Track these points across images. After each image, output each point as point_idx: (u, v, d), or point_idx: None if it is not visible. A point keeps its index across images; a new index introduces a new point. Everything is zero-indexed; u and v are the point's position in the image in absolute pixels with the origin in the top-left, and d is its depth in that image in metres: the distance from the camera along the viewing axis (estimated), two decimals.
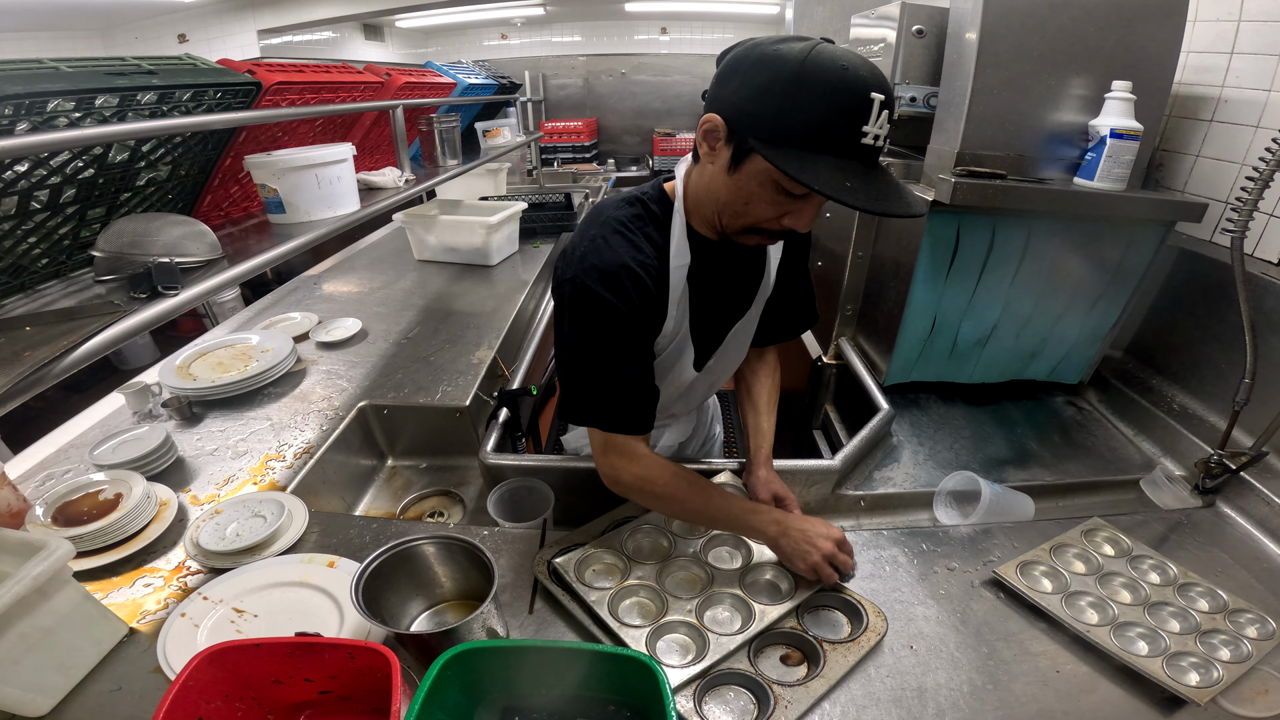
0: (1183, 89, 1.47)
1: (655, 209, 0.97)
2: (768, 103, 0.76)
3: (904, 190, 0.80)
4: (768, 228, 0.88)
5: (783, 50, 0.75)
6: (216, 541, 1.09)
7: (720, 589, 0.98)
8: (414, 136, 2.32)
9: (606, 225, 0.94)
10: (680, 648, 0.91)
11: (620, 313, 0.90)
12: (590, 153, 5.52)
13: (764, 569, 1.03)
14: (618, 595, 0.96)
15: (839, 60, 0.74)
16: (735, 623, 0.94)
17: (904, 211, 0.77)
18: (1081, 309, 1.50)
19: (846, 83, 0.73)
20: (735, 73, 0.80)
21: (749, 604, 0.95)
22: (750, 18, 5.36)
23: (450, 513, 1.50)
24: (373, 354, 1.86)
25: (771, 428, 1.22)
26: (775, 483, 1.15)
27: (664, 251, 0.96)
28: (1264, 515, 1.18)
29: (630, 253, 0.92)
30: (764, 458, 1.17)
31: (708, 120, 0.83)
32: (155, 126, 1.05)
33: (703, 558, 1.05)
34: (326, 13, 4.58)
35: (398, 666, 0.71)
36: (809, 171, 0.75)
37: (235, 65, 1.38)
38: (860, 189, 0.75)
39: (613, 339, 0.92)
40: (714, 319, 1.09)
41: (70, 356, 0.75)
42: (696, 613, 0.94)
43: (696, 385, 1.18)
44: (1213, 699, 0.81)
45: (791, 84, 0.74)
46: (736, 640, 0.89)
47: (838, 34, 1.99)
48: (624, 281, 0.89)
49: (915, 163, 1.52)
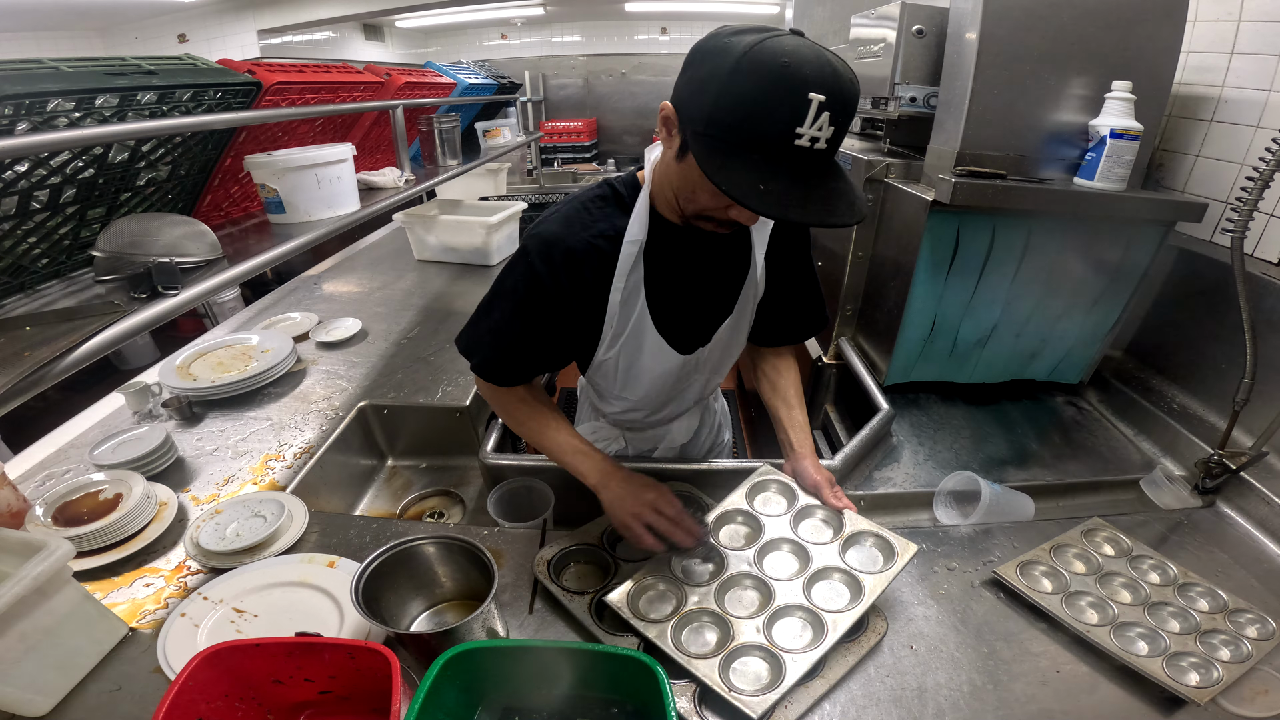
0: (1183, 89, 1.47)
1: (623, 191, 1.02)
2: (706, 94, 0.75)
3: (839, 198, 0.76)
4: (715, 216, 0.89)
5: (731, 42, 0.74)
6: (216, 541, 1.09)
7: (784, 602, 0.93)
8: (414, 136, 2.32)
9: (572, 202, 1.01)
10: (754, 674, 0.85)
11: (541, 285, 0.96)
12: (590, 153, 5.52)
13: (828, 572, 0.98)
14: (679, 624, 0.91)
15: (782, 56, 0.70)
16: (805, 634, 0.89)
17: (816, 221, 0.75)
18: (1081, 309, 1.50)
19: (783, 80, 0.70)
20: (690, 63, 0.79)
21: (816, 614, 0.90)
22: (749, 18, 5.35)
23: (450, 513, 1.50)
24: (373, 354, 1.86)
25: (806, 421, 1.19)
26: (824, 471, 1.11)
27: (620, 231, 0.99)
28: (1264, 515, 1.18)
29: (580, 230, 0.97)
30: (809, 449, 1.14)
31: (664, 108, 0.84)
32: (155, 126, 1.05)
33: (758, 573, 0.98)
34: (326, 13, 4.58)
35: (398, 666, 0.71)
36: (724, 170, 0.73)
37: (235, 65, 1.38)
38: (774, 192, 0.72)
39: (521, 305, 0.99)
40: (685, 306, 1.08)
41: (70, 356, 0.75)
42: (764, 631, 0.89)
43: (687, 382, 1.18)
44: (1213, 699, 0.81)
45: (729, 77, 0.72)
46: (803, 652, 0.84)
47: (837, 34, 1.99)
48: (556, 258, 0.95)
49: (915, 163, 1.52)
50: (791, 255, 1.13)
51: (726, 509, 1.08)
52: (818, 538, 1.03)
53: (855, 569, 0.95)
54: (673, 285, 1.04)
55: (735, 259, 1.09)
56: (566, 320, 1.02)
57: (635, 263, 0.99)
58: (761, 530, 1.04)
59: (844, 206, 0.76)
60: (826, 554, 0.99)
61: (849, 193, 0.77)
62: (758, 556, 1.00)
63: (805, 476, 1.10)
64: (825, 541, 1.01)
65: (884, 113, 1.65)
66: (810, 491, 1.09)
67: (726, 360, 1.22)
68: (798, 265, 1.15)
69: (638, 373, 1.12)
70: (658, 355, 1.09)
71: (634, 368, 1.11)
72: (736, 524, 1.08)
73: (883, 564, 0.97)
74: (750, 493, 1.11)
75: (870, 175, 1.55)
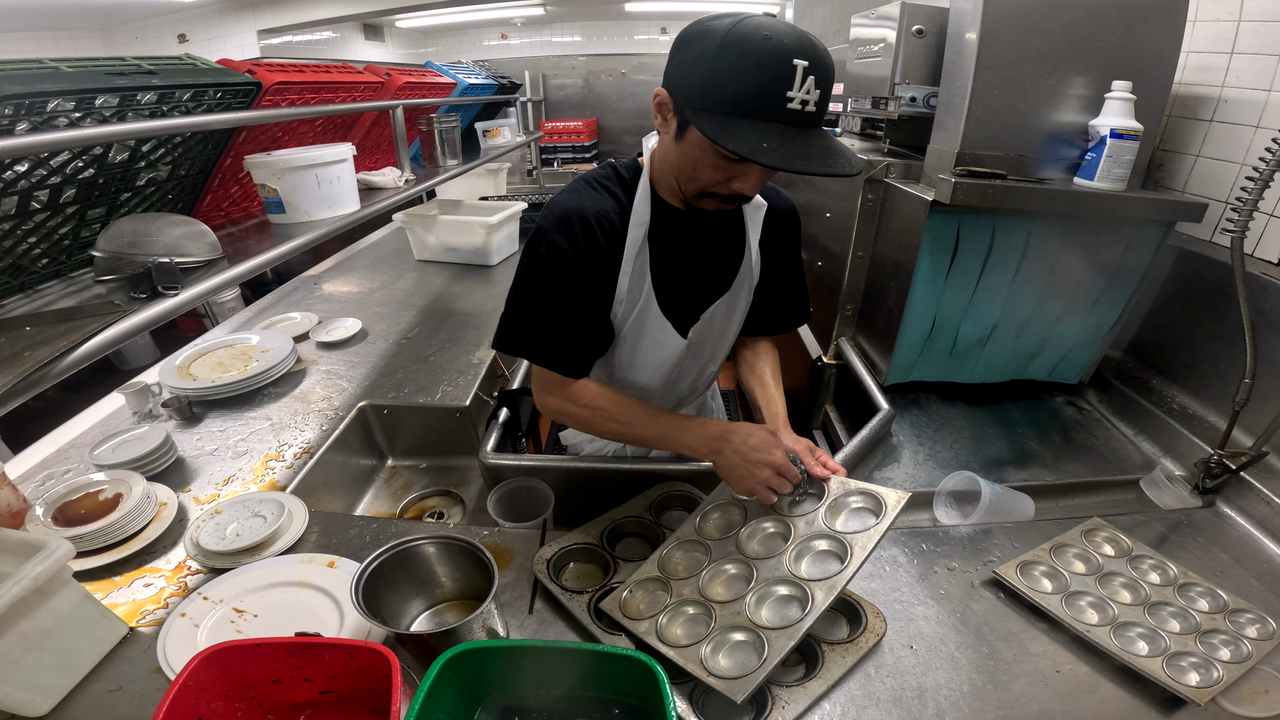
0: (1183, 89, 1.47)
1: (625, 174, 1.05)
2: (698, 73, 0.82)
3: (836, 153, 0.83)
4: (718, 191, 0.93)
5: (713, 25, 0.81)
6: (216, 541, 1.09)
7: (768, 579, 0.92)
8: (414, 136, 2.32)
9: (579, 180, 1.05)
10: (740, 659, 0.84)
11: (568, 258, 0.96)
12: (590, 153, 5.52)
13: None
14: (670, 618, 0.90)
15: (763, 30, 0.78)
16: (791, 610, 0.88)
17: (822, 170, 0.80)
18: (1081, 309, 1.50)
19: (768, 50, 0.77)
20: (677, 49, 0.86)
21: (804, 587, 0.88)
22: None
23: (450, 513, 1.51)
24: (373, 354, 1.86)
25: (781, 396, 1.20)
26: (800, 443, 1.08)
27: (627, 210, 1.01)
28: (1264, 515, 1.18)
29: (592, 202, 0.99)
30: (783, 420, 1.14)
31: (658, 94, 0.90)
32: (155, 126, 1.05)
33: (746, 554, 0.97)
34: (326, 13, 4.58)
35: (398, 666, 0.71)
36: (728, 134, 0.80)
37: (235, 65, 1.38)
38: (778, 149, 0.79)
39: (555, 282, 0.98)
40: (686, 288, 1.10)
41: (70, 356, 0.76)
42: (752, 612, 0.88)
43: (684, 366, 1.18)
44: (1213, 699, 0.81)
45: (717, 55, 0.79)
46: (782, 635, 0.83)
47: (837, 34, 1.99)
48: (574, 226, 0.96)
49: (915, 163, 1.52)
50: (780, 246, 1.17)
51: (716, 501, 1.08)
52: (803, 510, 1.00)
53: (841, 532, 0.92)
54: (675, 267, 1.07)
55: (732, 243, 1.12)
56: (596, 290, 1.02)
57: (641, 246, 1.02)
58: (747, 515, 1.04)
59: (842, 160, 0.83)
60: (810, 524, 0.96)
61: (844, 150, 0.85)
62: (746, 540, 0.99)
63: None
64: (809, 512, 0.98)
65: (884, 113, 1.65)
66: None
67: (721, 346, 1.24)
68: (786, 256, 1.19)
69: (643, 355, 1.14)
70: (660, 336, 1.11)
71: (638, 350, 1.13)
72: (724, 514, 1.07)
73: (874, 523, 0.93)
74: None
75: (870, 175, 1.55)
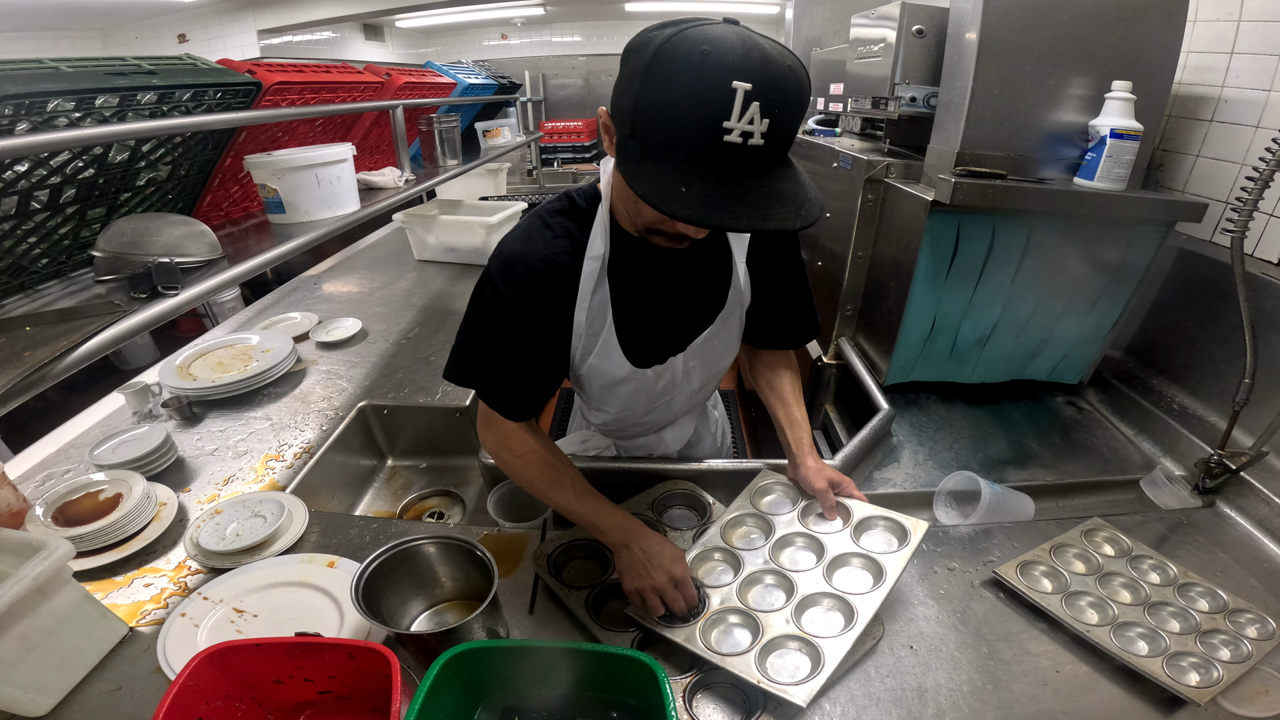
0: (1183, 89, 1.47)
1: (581, 204, 0.96)
2: (628, 95, 0.69)
3: (781, 200, 0.68)
4: (663, 229, 0.82)
5: (653, 35, 0.67)
6: (216, 541, 1.09)
7: (809, 592, 0.94)
8: (414, 136, 2.32)
9: (533, 218, 0.96)
10: (792, 665, 0.85)
11: (510, 306, 0.91)
12: (590, 153, 5.51)
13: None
14: (706, 627, 0.90)
15: (702, 44, 0.63)
16: (836, 620, 0.90)
17: (749, 225, 0.67)
18: (1081, 309, 1.50)
19: (702, 69, 0.62)
20: (621, 62, 0.73)
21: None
22: (749, 18, 5.31)
23: (450, 513, 1.51)
24: (373, 354, 1.86)
25: (805, 418, 1.15)
26: (827, 470, 1.09)
27: (581, 246, 0.93)
28: (1264, 515, 1.18)
29: (541, 245, 0.92)
30: (808, 447, 1.10)
31: (600, 113, 0.77)
32: (155, 126, 1.05)
33: (776, 568, 0.99)
34: (326, 13, 4.58)
35: (398, 666, 0.71)
36: (644, 174, 0.67)
37: (235, 65, 1.38)
38: (699, 196, 0.65)
39: (499, 327, 0.94)
40: (660, 320, 1.02)
41: (70, 356, 0.75)
42: (793, 622, 0.89)
43: (669, 395, 1.13)
44: (1213, 699, 0.81)
45: (646, 72, 0.65)
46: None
47: (837, 34, 1.99)
48: (519, 274, 0.90)
49: (915, 163, 1.52)
50: (776, 259, 1.07)
51: (736, 514, 1.09)
52: (829, 528, 1.04)
53: (872, 552, 0.97)
54: (642, 301, 0.99)
55: (712, 269, 1.02)
56: (542, 337, 0.97)
57: (600, 280, 0.94)
58: (773, 529, 1.05)
59: (787, 209, 0.67)
60: (840, 541, 1.01)
61: (797, 194, 0.69)
62: (773, 553, 1.01)
63: (807, 486, 1.09)
64: (837, 530, 1.03)
65: (884, 113, 1.65)
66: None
67: (715, 370, 1.16)
68: (784, 269, 1.09)
69: (610, 388, 1.08)
70: (626, 372, 1.04)
71: (606, 383, 1.07)
72: (747, 526, 1.08)
73: (897, 546, 0.98)
74: (755, 496, 1.13)
75: (870, 175, 1.55)
